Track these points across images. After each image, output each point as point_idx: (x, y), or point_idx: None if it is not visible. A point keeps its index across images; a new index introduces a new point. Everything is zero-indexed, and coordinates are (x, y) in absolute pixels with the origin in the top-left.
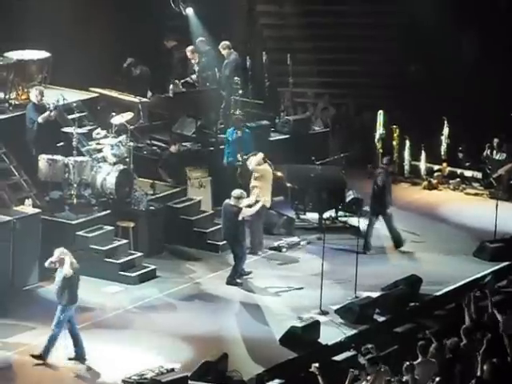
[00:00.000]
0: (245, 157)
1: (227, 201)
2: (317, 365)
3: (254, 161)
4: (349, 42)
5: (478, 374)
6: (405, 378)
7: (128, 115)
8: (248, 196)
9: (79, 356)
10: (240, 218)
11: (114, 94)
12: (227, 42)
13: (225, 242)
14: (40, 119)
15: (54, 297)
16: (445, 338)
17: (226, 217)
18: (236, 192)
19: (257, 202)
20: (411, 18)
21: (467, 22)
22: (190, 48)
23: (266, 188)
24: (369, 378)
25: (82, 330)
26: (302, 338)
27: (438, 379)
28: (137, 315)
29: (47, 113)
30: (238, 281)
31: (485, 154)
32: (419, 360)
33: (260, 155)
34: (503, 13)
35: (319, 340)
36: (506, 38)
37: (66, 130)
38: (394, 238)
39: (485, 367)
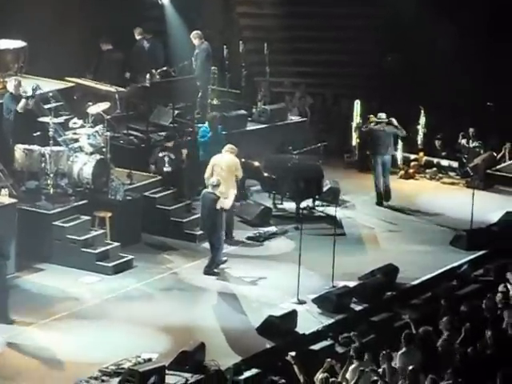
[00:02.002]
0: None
1: (205, 190)
2: (293, 354)
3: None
4: (326, 32)
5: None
6: (381, 368)
7: (105, 105)
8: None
9: None
10: (218, 207)
11: (90, 83)
12: (199, 32)
13: (202, 232)
14: (19, 108)
15: (30, 287)
16: (421, 327)
17: (204, 206)
18: (213, 180)
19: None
20: (388, 8)
21: (444, 12)
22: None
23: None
24: (352, 366)
25: (59, 320)
26: (279, 327)
27: (411, 367)
28: (114, 305)
29: (24, 101)
30: (216, 271)
31: (459, 142)
32: (404, 349)
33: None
34: (481, 3)
35: (296, 329)
36: (483, 28)
37: (42, 119)
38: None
39: (460, 355)
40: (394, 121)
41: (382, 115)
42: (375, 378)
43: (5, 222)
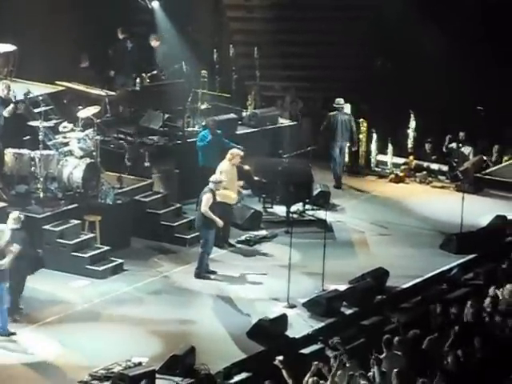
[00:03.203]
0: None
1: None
2: (280, 358)
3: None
4: (316, 36)
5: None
6: (371, 372)
7: (94, 109)
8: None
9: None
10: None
11: (80, 87)
12: (155, 35)
13: (194, 230)
14: (5, 113)
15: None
16: (410, 331)
17: (198, 203)
18: (214, 177)
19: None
20: (378, 12)
21: (433, 16)
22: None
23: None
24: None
25: (50, 324)
26: (270, 331)
27: (396, 370)
28: (104, 309)
29: (12, 106)
30: (206, 274)
31: (446, 146)
32: (384, 354)
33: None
34: (469, 6)
35: (287, 333)
36: (473, 32)
37: (32, 123)
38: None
39: (449, 359)
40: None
41: (341, 100)
42: (364, 382)
43: None
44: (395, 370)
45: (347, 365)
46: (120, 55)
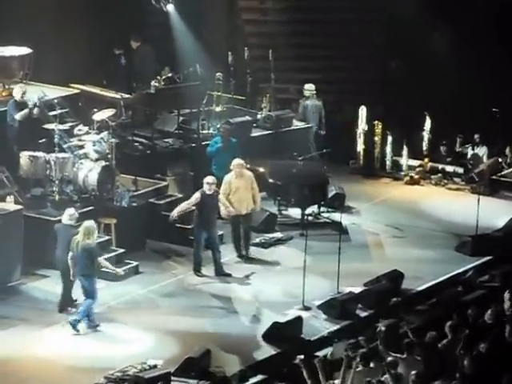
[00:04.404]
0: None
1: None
2: (301, 357)
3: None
4: (330, 38)
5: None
6: (385, 377)
7: (110, 111)
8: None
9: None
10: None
11: (95, 90)
12: (136, 36)
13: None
14: (18, 116)
15: (36, 293)
16: (426, 333)
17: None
18: (209, 178)
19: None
20: (392, 14)
21: (447, 18)
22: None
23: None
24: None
25: (65, 327)
26: (285, 333)
27: (414, 372)
28: (119, 311)
29: (26, 110)
30: (227, 272)
31: (457, 148)
32: (403, 356)
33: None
34: (480, 8)
35: (302, 335)
36: (487, 33)
37: (47, 126)
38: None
39: (465, 362)
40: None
41: (312, 86)
42: None
43: (10, 229)
44: (413, 372)
45: (359, 368)
46: (114, 70)
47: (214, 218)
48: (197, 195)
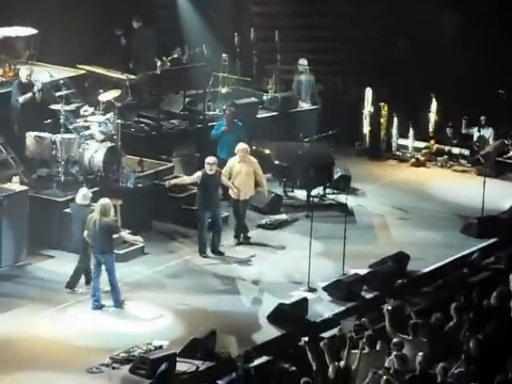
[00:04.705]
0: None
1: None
2: (306, 339)
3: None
4: (336, 19)
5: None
6: (390, 358)
7: (115, 92)
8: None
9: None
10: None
11: (101, 71)
12: (137, 16)
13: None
14: (21, 99)
15: (42, 273)
16: (431, 315)
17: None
18: (210, 158)
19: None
20: None
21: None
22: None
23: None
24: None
25: (70, 307)
26: (290, 315)
27: (421, 354)
28: (125, 292)
29: (30, 94)
30: (221, 250)
31: (463, 130)
32: (410, 338)
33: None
34: None
35: (307, 317)
36: (494, 14)
37: (53, 107)
38: None
39: (471, 344)
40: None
41: (305, 61)
42: (387, 377)
43: (16, 210)
44: (420, 354)
45: (365, 350)
46: (114, 50)
47: (217, 199)
48: (198, 173)
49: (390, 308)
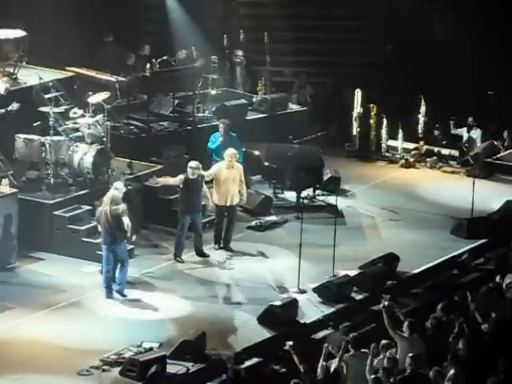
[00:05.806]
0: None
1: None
2: (291, 343)
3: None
4: (325, 21)
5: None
6: (378, 358)
7: (105, 94)
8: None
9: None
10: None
11: (90, 72)
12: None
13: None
14: None
15: (31, 276)
16: (421, 316)
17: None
18: (193, 163)
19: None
20: None
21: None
22: None
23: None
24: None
25: (61, 310)
26: (280, 316)
27: (411, 355)
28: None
29: (2, 110)
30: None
31: (452, 131)
32: (406, 335)
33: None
34: None
35: (297, 318)
36: (483, 16)
37: (42, 109)
38: None
39: (460, 344)
40: None
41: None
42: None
43: (5, 212)
44: (410, 355)
45: (351, 352)
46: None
47: (198, 203)
48: (181, 177)
49: (386, 304)
